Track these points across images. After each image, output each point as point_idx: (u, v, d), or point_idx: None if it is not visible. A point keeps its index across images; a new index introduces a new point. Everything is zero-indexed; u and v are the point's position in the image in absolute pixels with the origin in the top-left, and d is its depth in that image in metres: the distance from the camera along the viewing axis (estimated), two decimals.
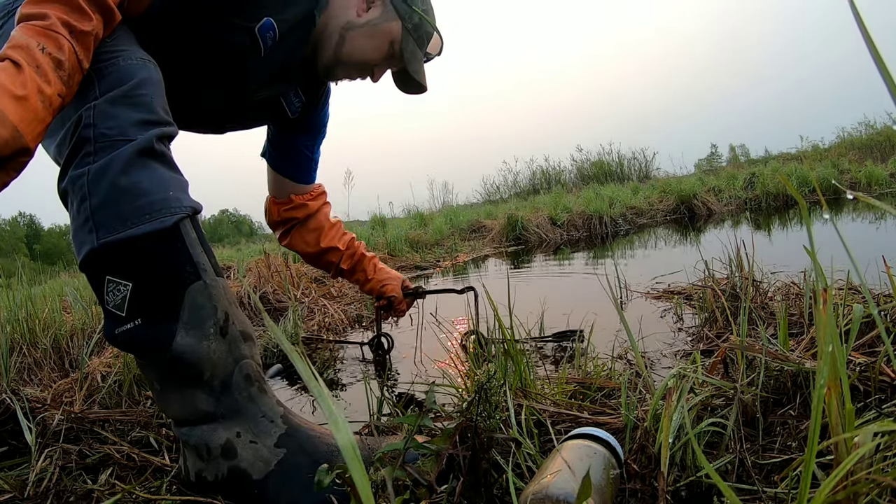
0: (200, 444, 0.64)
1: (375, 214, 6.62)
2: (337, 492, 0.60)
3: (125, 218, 0.62)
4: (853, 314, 0.61)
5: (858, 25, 0.35)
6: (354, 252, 1.29)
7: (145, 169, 0.64)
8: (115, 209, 0.62)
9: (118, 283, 0.62)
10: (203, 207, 0.70)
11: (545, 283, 2.25)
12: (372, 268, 1.32)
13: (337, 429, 0.25)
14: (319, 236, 1.25)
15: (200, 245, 0.67)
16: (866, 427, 0.39)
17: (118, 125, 0.64)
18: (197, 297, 0.64)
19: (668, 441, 0.51)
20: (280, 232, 1.26)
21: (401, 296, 1.31)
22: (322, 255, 1.26)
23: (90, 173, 0.63)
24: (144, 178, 0.64)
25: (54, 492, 0.69)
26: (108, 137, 0.64)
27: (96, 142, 0.64)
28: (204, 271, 0.66)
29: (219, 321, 0.65)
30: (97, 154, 0.63)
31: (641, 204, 5.24)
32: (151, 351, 0.63)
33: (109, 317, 0.64)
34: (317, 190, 1.25)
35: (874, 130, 9.41)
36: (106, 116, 0.65)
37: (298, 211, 1.22)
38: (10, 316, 1.37)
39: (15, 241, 27.07)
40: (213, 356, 0.64)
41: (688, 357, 1.04)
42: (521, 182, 10.67)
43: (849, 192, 0.46)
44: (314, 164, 1.22)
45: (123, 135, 0.64)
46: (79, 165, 0.64)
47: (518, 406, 0.72)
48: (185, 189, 0.69)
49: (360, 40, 0.96)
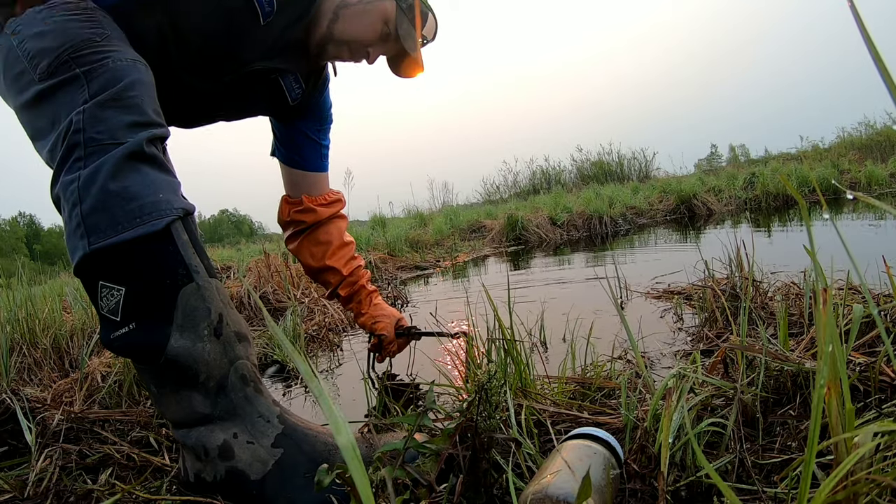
0: (198, 446, 0.64)
1: (375, 214, 6.63)
2: (336, 491, 0.60)
3: (116, 222, 0.62)
4: (853, 314, 0.61)
5: (858, 25, 0.35)
6: (356, 281, 1.24)
7: (135, 172, 0.64)
8: (106, 214, 0.62)
9: (111, 287, 0.63)
10: (195, 208, 0.70)
11: (545, 282, 2.25)
12: (367, 302, 1.26)
13: (337, 428, 0.25)
14: (326, 252, 1.21)
15: (192, 247, 0.67)
16: (866, 427, 0.39)
17: (108, 129, 0.65)
18: (190, 299, 0.64)
19: (668, 441, 0.51)
20: (289, 232, 1.22)
21: (392, 335, 1.24)
22: (322, 273, 1.23)
23: (81, 179, 0.63)
24: (135, 181, 0.64)
25: (54, 492, 0.69)
26: (98, 142, 0.64)
27: (86, 146, 0.64)
28: (196, 273, 0.66)
29: (213, 322, 0.65)
30: (87, 159, 0.64)
31: (641, 204, 5.24)
32: (146, 354, 0.63)
33: (104, 322, 0.64)
34: (331, 196, 1.21)
35: (874, 130, 9.41)
36: (96, 120, 0.65)
37: (308, 215, 1.18)
38: (10, 316, 1.37)
39: (15, 241, 27.07)
40: (209, 358, 0.64)
41: (688, 357, 1.04)
42: (521, 182, 10.68)
43: (849, 192, 0.46)
44: (324, 151, 1.19)
45: (113, 138, 0.65)
46: (70, 171, 0.64)
47: (518, 406, 0.72)
48: (177, 190, 0.68)
49: (354, 18, 0.97)
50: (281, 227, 1.25)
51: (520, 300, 1.86)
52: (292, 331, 1.57)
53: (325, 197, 1.20)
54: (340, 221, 1.24)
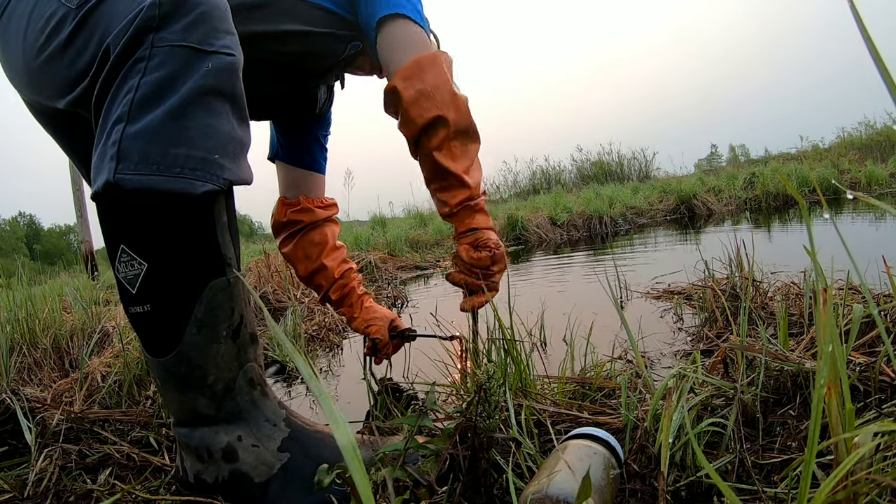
0: (201, 447, 0.62)
1: (375, 214, 6.62)
2: (338, 492, 0.60)
3: (153, 161, 0.52)
4: (853, 314, 0.61)
5: (858, 25, 0.35)
6: (346, 284, 1.24)
7: (208, 112, 0.54)
8: (148, 147, 0.52)
9: (133, 258, 0.56)
10: (252, 179, 0.61)
11: (545, 282, 2.25)
12: (359, 305, 1.26)
13: (337, 429, 0.25)
14: (322, 251, 1.22)
15: (229, 232, 0.61)
16: (866, 427, 0.39)
17: (189, 29, 0.53)
18: (217, 295, 0.59)
19: (668, 441, 0.51)
20: (283, 236, 1.22)
21: (386, 338, 1.23)
22: (316, 274, 1.23)
23: (138, 91, 0.52)
24: (198, 122, 0.54)
25: (54, 492, 0.69)
26: (172, 42, 0.52)
27: (154, 46, 0.52)
28: (229, 266, 0.60)
29: (233, 324, 0.61)
30: (152, 61, 0.52)
31: (641, 204, 5.24)
32: (156, 346, 0.60)
33: (121, 287, 0.58)
34: (327, 200, 1.24)
35: (874, 130, 9.40)
36: (174, 15, 0.53)
37: (305, 215, 1.19)
38: (10, 316, 1.37)
39: (15, 241, 27.07)
40: (221, 360, 0.61)
41: (688, 357, 1.04)
42: (521, 182, 10.67)
43: (849, 192, 0.46)
44: (326, 154, 1.24)
45: (201, 42, 0.53)
46: (129, 74, 0.53)
47: (518, 406, 0.72)
48: (238, 154, 0.59)
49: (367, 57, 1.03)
50: (274, 232, 1.24)
51: (520, 300, 1.86)
52: (292, 331, 1.57)
53: (321, 200, 1.23)
54: (334, 226, 1.25)
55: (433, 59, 0.85)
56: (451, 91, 0.85)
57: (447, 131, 0.86)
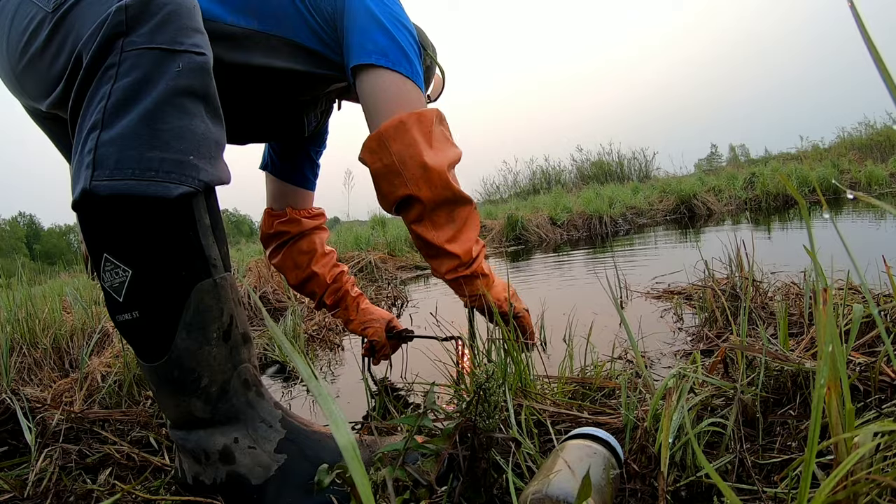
0: (197, 450, 0.62)
1: (375, 214, 6.61)
2: (337, 493, 0.60)
3: (128, 166, 0.52)
4: (853, 314, 0.61)
5: (858, 25, 0.35)
6: (339, 287, 1.24)
7: (181, 113, 0.54)
8: (122, 152, 0.52)
9: (117, 266, 0.55)
10: (230, 179, 0.60)
11: (545, 282, 2.25)
12: (354, 308, 1.25)
13: (337, 429, 0.25)
14: (311, 259, 1.21)
15: (213, 233, 0.60)
16: (866, 427, 0.39)
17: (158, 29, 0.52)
18: (204, 297, 0.58)
19: (668, 441, 0.51)
20: (272, 247, 1.22)
21: (384, 339, 1.23)
22: (308, 282, 1.22)
23: (111, 97, 0.52)
24: (171, 124, 0.53)
25: (54, 492, 0.69)
26: (140, 45, 0.52)
27: (124, 50, 0.52)
28: (214, 267, 0.60)
29: (223, 325, 0.61)
30: (121, 66, 0.52)
31: (641, 204, 5.24)
32: (147, 351, 0.59)
33: (107, 297, 0.58)
34: (314, 210, 1.23)
35: (874, 130, 9.40)
36: (143, 16, 0.52)
37: (292, 226, 1.19)
38: (10, 316, 1.37)
39: (15, 241, 27.07)
40: (213, 362, 0.60)
41: (688, 357, 1.04)
42: (521, 182, 10.68)
43: (849, 192, 0.46)
44: (317, 170, 1.23)
45: (171, 42, 0.53)
46: (102, 80, 0.53)
47: (518, 406, 0.72)
48: (213, 154, 0.58)
49: None
50: (263, 243, 1.24)
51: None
52: (292, 331, 1.57)
53: (308, 210, 1.22)
54: (322, 233, 1.25)
55: (400, 127, 0.80)
56: (421, 164, 0.80)
57: (422, 206, 0.82)
